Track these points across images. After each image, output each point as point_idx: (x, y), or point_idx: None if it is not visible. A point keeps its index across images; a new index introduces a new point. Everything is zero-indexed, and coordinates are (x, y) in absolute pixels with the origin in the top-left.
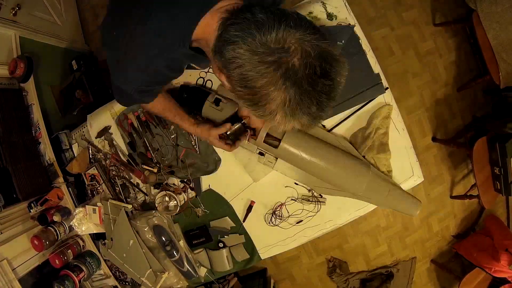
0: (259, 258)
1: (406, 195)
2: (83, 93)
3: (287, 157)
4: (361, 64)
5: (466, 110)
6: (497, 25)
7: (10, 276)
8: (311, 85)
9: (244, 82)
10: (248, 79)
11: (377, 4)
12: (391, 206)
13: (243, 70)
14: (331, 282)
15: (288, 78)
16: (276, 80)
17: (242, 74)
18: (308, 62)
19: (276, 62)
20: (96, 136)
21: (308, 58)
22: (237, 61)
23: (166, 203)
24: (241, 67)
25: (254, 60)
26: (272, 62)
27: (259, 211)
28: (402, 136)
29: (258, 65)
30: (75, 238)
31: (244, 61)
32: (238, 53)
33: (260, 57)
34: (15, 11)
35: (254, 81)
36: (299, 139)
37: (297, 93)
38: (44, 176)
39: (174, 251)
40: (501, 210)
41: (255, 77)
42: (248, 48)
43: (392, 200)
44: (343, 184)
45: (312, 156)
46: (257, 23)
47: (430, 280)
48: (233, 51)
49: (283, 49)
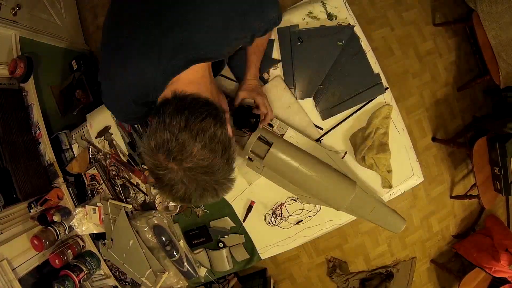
0: (259, 258)
1: (391, 213)
2: (83, 93)
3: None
4: (361, 64)
5: (466, 110)
6: (497, 25)
7: (10, 276)
8: (170, 194)
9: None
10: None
11: (377, 4)
12: (374, 221)
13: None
14: (331, 282)
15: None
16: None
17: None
18: (175, 186)
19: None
20: (96, 136)
21: (177, 183)
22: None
23: (166, 203)
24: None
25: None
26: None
27: (259, 211)
28: (402, 136)
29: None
30: (75, 238)
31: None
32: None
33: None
34: (15, 11)
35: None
36: (288, 148)
37: (158, 187)
38: (44, 176)
39: (174, 251)
40: (501, 210)
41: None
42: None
43: (375, 216)
44: (326, 197)
45: (300, 165)
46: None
47: (430, 280)
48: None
49: (164, 168)
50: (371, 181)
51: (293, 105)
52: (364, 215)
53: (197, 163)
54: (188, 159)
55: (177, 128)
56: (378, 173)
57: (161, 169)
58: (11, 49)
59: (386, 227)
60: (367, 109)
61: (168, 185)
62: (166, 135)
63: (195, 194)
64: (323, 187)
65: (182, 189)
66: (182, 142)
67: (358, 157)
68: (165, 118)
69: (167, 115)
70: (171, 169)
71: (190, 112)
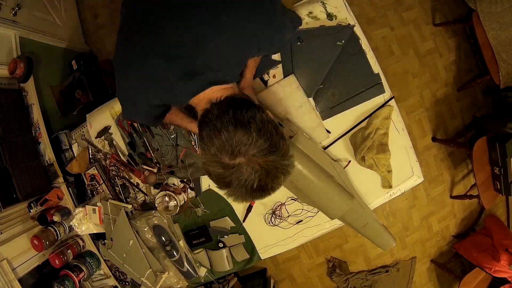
0: (259, 258)
1: (382, 232)
2: (83, 93)
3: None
4: (361, 64)
5: (466, 110)
6: (497, 25)
7: (10, 276)
8: (247, 192)
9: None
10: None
11: (377, 4)
12: (365, 236)
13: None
14: (331, 282)
15: (227, 185)
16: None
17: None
18: (248, 179)
19: (225, 172)
20: (96, 136)
21: (250, 175)
22: (205, 148)
23: (166, 203)
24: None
25: (212, 161)
26: (223, 168)
27: (259, 211)
28: (402, 136)
29: (213, 165)
30: (75, 238)
31: (205, 155)
32: (205, 146)
33: (215, 161)
34: (15, 11)
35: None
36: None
37: (231, 192)
38: (44, 176)
39: (174, 251)
40: (501, 210)
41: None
42: (208, 153)
43: (367, 231)
44: (323, 205)
45: (304, 169)
46: (217, 135)
47: (430, 280)
48: (202, 143)
49: (232, 166)
50: (371, 181)
51: (304, 105)
52: (357, 228)
53: (260, 147)
54: (251, 147)
55: (229, 126)
56: (378, 173)
57: (230, 169)
58: (11, 49)
59: (376, 242)
60: (367, 109)
61: (242, 181)
62: (223, 136)
63: (269, 178)
64: (322, 194)
65: (256, 179)
66: (239, 135)
67: (358, 157)
68: (215, 123)
69: (215, 120)
70: (239, 164)
71: (234, 109)
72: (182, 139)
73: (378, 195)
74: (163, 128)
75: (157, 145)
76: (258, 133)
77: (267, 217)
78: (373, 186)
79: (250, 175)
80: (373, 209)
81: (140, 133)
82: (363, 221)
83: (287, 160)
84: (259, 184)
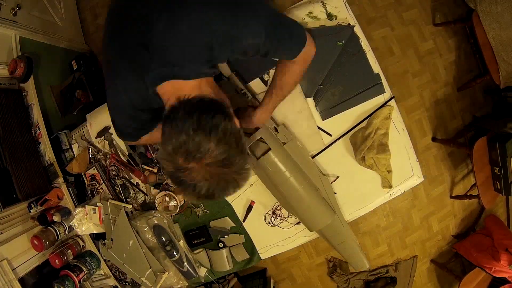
0: (259, 258)
1: (357, 252)
2: (83, 93)
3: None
4: (361, 64)
5: (466, 110)
6: (497, 25)
7: (10, 276)
8: (194, 195)
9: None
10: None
11: (377, 4)
12: (340, 252)
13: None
14: (331, 282)
15: (179, 184)
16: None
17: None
18: (197, 185)
19: (176, 173)
20: (96, 136)
21: (199, 181)
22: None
23: (166, 203)
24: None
25: (166, 157)
26: (175, 169)
27: (259, 211)
28: (402, 136)
29: (167, 163)
30: (75, 238)
31: (162, 151)
32: (164, 143)
33: (169, 160)
34: (15, 11)
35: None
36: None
37: (181, 190)
38: (44, 176)
39: (174, 251)
40: (501, 210)
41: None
42: (165, 150)
43: (342, 248)
44: (304, 215)
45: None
46: (176, 135)
47: (430, 280)
48: (162, 138)
49: (184, 170)
50: (371, 181)
51: (304, 111)
52: (333, 244)
53: (215, 158)
54: (207, 156)
55: (191, 129)
56: (378, 173)
57: (182, 171)
58: (11, 49)
59: (349, 261)
60: (367, 109)
61: (191, 185)
62: (182, 137)
63: (218, 188)
64: (305, 205)
65: (205, 186)
66: (198, 140)
67: (358, 157)
68: (177, 122)
69: (179, 120)
70: (192, 169)
71: (200, 112)
72: None
73: (378, 195)
74: None
75: (157, 145)
76: (217, 144)
77: (267, 217)
78: (373, 186)
79: (200, 182)
80: (373, 209)
81: None
82: (341, 238)
83: (240, 174)
84: (207, 192)
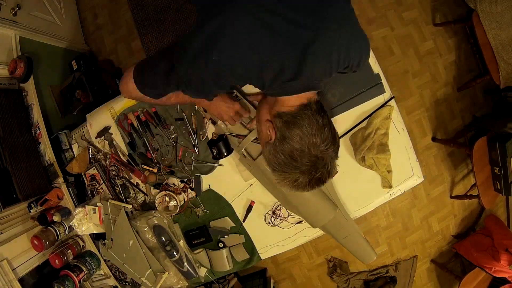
0: (259, 258)
1: (363, 244)
2: (83, 93)
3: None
4: None
5: (466, 110)
6: (497, 25)
7: (10, 276)
8: (310, 184)
9: (286, 151)
10: (291, 154)
11: (377, 4)
12: (346, 247)
13: (292, 147)
14: (331, 282)
15: (309, 175)
16: (303, 171)
17: (291, 148)
18: (323, 173)
19: (313, 164)
20: (96, 136)
21: (325, 168)
22: (294, 137)
23: (166, 203)
24: (292, 144)
25: (303, 150)
26: (310, 160)
27: (259, 211)
28: (402, 136)
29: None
30: (75, 238)
31: (295, 143)
32: (298, 135)
33: (307, 152)
34: (15, 11)
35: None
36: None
37: (302, 183)
38: (44, 176)
39: (174, 251)
40: (501, 210)
41: (297, 156)
42: (303, 140)
43: (348, 242)
44: (306, 212)
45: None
46: (319, 128)
47: (430, 280)
48: (299, 130)
49: (322, 160)
50: (371, 181)
51: None
52: (338, 239)
53: (334, 151)
54: (331, 149)
55: (328, 124)
56: (378, 173)
57: (321, 156)
58: (11, 49)
59: (356, 255)
60: (367, 109)
61: (320, 167)
62: (324, 133)
63: (328, 177)
64: (306, 202)
65: (325, 174)
66: (334, 132)
67: (358, 157)
68: (317, 118)
69: (317, 116)
70: (326, 154)
71: (325, 113)
72: (182, 139)
73: (378, 195)
74: (163, 128)
75: (157, 145)
76: (336, 140)
77: (267, 217)
78: (373, 186)
79: (325, 169)
80: (373, 209)
81: (140, 133)
82: (345, 232)
83: (336, 159)
84: (329, 173)
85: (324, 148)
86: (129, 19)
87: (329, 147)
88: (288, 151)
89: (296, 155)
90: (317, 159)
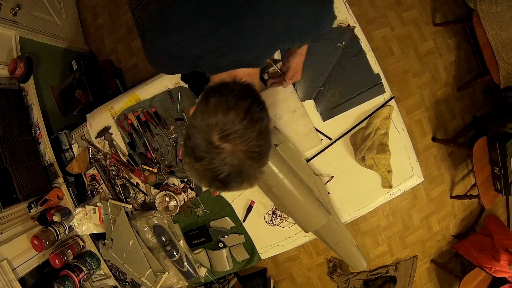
0: (259, 258)
1: (354, 252)
2: (83, 93)
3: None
4: (361, 64)
5: (466, 110)
6: (497, 25)
7: (10, 276)
8: (208, 177)
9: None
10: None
11: (377, 4)
12: (337, 253)
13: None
14: (331, 282)
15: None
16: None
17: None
18: (220, 168)
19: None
20: (96, 136)
21: (223, 165)
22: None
23: (166, 203)
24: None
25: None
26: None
27: (259, 211)
28: (402, 136)
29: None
30: (75, 238)
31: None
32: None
33: (205, 132)
34: (15, 11)
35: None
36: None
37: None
38: (44, 176)
39: (174, 251)
40: (501, 210)
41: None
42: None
43: (339, 248)
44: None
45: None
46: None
47: (430, 280)
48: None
49: (215, 147)
50: (371, 181)
51: (298, 110)
52: (329, 244)
53: (250, 148)
54: (243, 143)
55: (241, 111)
56: (378, 173)
57: (214, 148)
58: (11, 49)
59: (347, 261)
60: (367, 109)
61: (213, 164)
62: (229, 117)
63: (237, 178)
64: (299, 206)
65: (226, 171)
66: (244, 125)
67: (358, 157)
68: (229, 99)
69: (231, 98)
70: (223, 150)
71: (252, 100)
72: (182, 139)
73: (378, 195)
74: (163, 128)
75: (157, 145)
76: (257, 135)
77: (267, 217)
78: (373, 186)
79: (224, 165)
80: (373, 209)
81: (140, 133)
82: (337, 238)
83: (259, 174)
84: (226, 178)
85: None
86: (129, 19)
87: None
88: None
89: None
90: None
